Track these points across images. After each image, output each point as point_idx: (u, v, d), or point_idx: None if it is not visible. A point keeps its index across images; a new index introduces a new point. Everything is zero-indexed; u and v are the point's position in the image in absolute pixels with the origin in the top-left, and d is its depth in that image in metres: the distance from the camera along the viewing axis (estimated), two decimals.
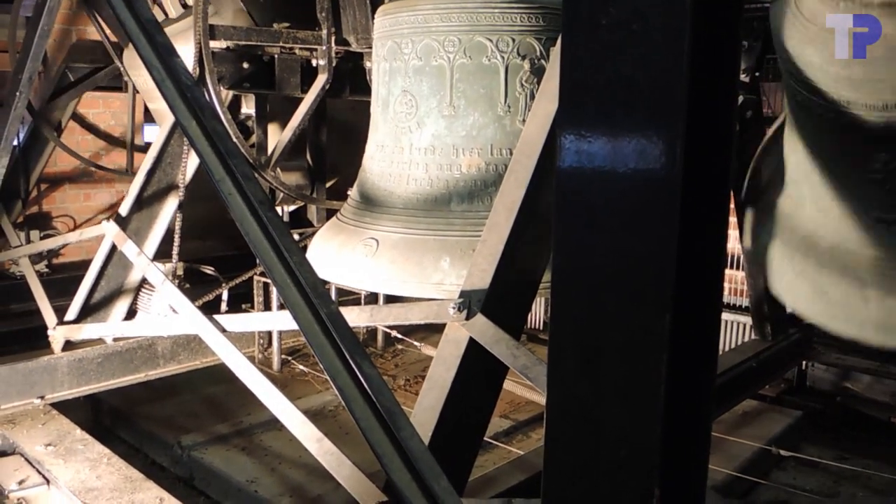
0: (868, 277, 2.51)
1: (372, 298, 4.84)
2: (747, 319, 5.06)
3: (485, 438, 2.50)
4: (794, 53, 2.26)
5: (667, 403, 1.01)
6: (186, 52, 2.31)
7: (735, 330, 5.65)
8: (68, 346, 3.75)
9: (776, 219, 2.94)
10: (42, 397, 3.64)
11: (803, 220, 2.75)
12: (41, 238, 5.28)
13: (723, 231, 1.10)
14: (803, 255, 2.73)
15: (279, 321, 3.06)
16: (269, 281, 4.38)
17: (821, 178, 2.57)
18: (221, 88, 3.70)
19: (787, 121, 2.79)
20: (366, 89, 3.79)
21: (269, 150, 4.08)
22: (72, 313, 3.75)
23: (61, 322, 3.74)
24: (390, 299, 4.64)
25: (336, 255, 2.77)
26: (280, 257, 1.96)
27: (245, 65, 3.82)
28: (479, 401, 2.18)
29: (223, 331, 2.71)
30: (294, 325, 1.98)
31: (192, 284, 4.02)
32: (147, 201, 3.73)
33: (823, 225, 2.63)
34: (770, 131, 3.61)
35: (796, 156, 2.72)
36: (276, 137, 4.03)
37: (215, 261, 4.90)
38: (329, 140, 4.73)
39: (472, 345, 2.05)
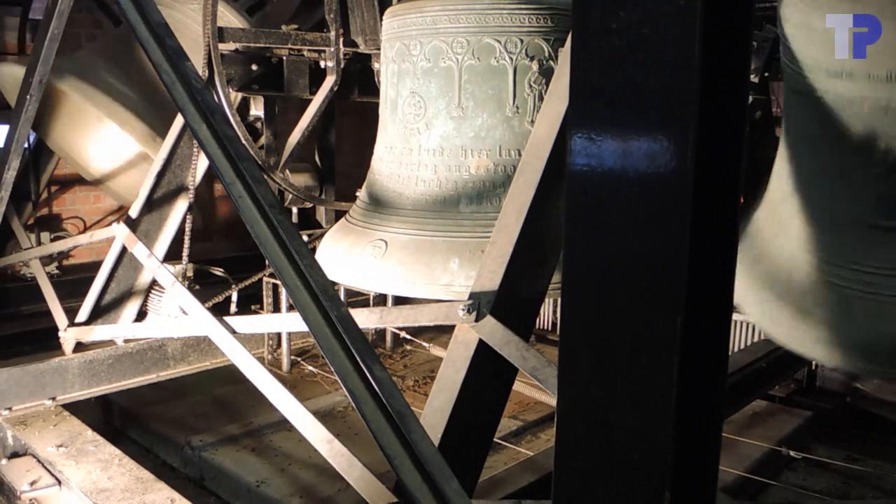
0: (856, 296, 2.31)
1: (381, 300, 4.85)
2: None
3: (494, 439, 2.50)
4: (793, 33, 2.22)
5: (678, 406, 1.01)
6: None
7: (744, 330, 5.63)
8: (79, 347, 3.77)
9: (756, 243, 2.68)
10: (53, 398, 3.66)
11: (788, 240, 2.54)
12: (51, 240, 5.31)
13: (734, 233, 1.10)
14: (786, 278, 2.50)
15: (289, 323, 3.07)
16: (278, 282, 4.40)
17: (818, 183, 2.42)
18: (230, 90, 3.71)
19: (782, 137, 2.61)
20: (374, 91, 3.80)
21: (278, 152, 4.10)
22: (82, 315, 3.78)
23: (72, 323, 3.77)
24: (399, 300, 4.65)
25: (345, 256, 2.78)
26: (290, 260, 1.97)
27: (254, 67, 3.84)
28: (489, 402, 2.19)
29: (233, 332, 2.72)
30: (304, 327, 1.99)
31: (202, 286, 4.04)
32: (157, 203, 3.74)
33: (810, 242, 2.43)
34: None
35: (788, 165, 2.55)
36: (285, 139, 4.04)
37: (225, 262, 4.92)
38: None
39: (482, 346, 2.05)
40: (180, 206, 3.78)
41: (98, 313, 3.79)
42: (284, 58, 3.92)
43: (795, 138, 2.53)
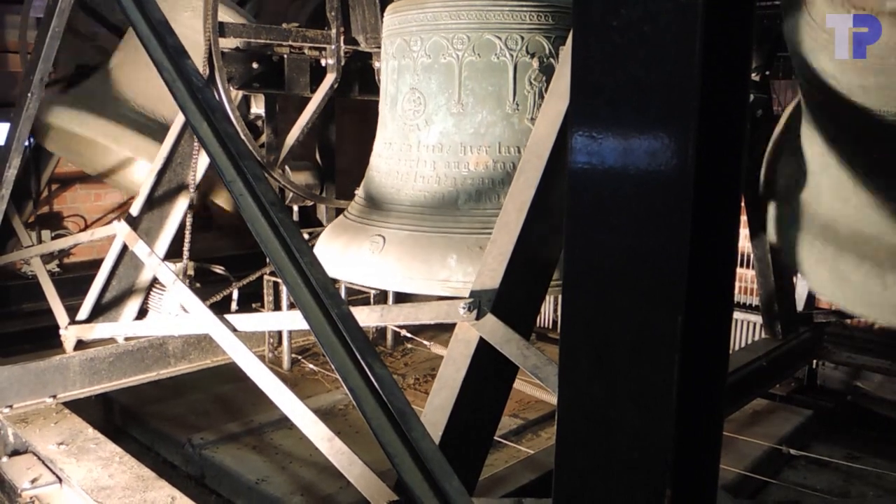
0: (887, 263, 2.57)
1: (382, 298, 4.85)
2: (757, 318, 5.04)
3: (494, 437, 2.50)
4: (807, 59, 2.24)
5: (679, 404, 1.01)
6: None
7: (745, 328, 5.63)
8: (80, 345, 3.77)
9: (797, 209, 3.01)
10: (54, 396, 3.66)
11: (823, 209, 2.82)
12: (52, 238, 5.30)
13: (734, 231, 1.09)
14: (823, 242, 2.81)
15: (290, 321, 3.07)
16: (278, 280, 4.40)
17: (839, 170, 2.58)
18: (231, 88, 3.71)
19: (804, 117, 2.79)
20: (374, 89, 3.80)
21: (279, 150, 4.09)
22: (83, 313, 3.78)
23: (73, 321, 3.77)
24: (400, 298, 4.65)
25: (343, 252, 2.77)
26: (291, 258, 1.97)
27: (254, 65, 3.84)
28: (490, 400, 2.19)
29: (234, 330, 2.72)
30: (305, 325, 1.99)
31: (203, 284, 4.03)
32: (158, 201, 3.74)
33: (843, 214, 2.68)
34: (780, 123, 3.62)
35: (813, 149, 2.74)
36: (286, 137, 4.04)
37: (225, 260, 4.92)
38: None
39: (483, 345, 2.05)
40: (181, 203, 3.78)
41: (99, 311, 3.79)
42: (285, 56, 3.92)
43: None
